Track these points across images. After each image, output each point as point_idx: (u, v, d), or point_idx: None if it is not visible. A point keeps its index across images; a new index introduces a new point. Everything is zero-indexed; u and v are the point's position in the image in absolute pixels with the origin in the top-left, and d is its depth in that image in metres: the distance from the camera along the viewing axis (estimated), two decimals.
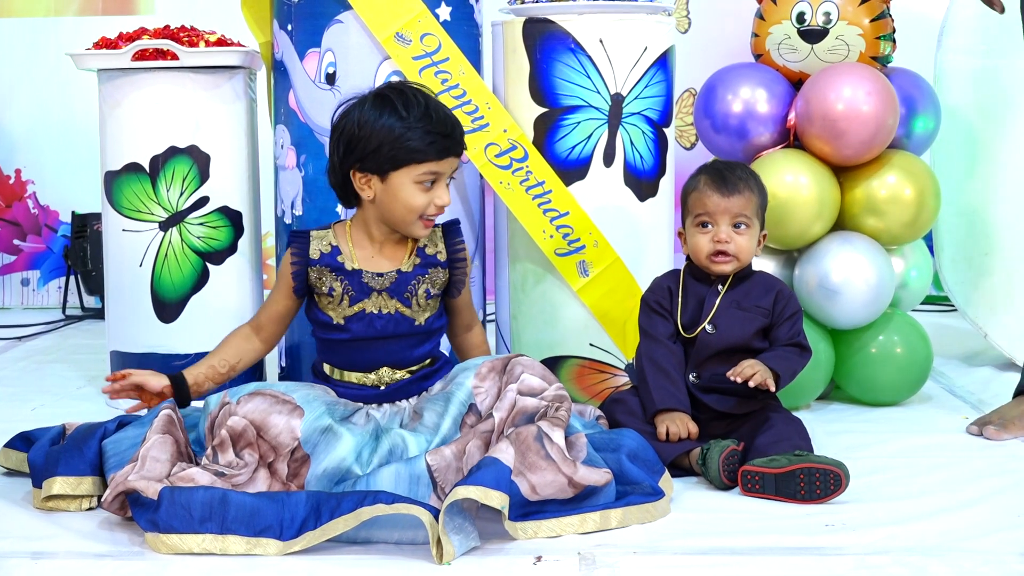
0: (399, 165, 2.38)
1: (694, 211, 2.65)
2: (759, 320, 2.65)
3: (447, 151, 2.40)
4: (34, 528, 2.24)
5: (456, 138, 2.42)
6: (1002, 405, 2.91)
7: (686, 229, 2.69)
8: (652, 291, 2.72)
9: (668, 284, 2.71)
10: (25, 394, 3.34)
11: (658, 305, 2.68)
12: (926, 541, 2.15)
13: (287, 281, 2.48)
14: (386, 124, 2.37)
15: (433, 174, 2.40)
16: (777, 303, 2.66)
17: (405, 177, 2.39)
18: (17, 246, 4.83)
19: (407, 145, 2.36)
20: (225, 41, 3.20)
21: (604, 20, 2.95)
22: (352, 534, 2.11)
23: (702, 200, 2.64)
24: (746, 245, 2.64)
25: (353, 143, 2.40)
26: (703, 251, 2.64)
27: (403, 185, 2.39)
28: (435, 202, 2.41)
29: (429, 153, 2.38)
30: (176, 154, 3.13)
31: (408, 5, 2.97)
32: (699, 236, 2.65)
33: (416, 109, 2.38)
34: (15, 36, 4.74)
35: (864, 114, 3.00)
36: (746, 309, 2.65)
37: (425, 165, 2.38)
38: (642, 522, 2.24)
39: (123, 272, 3.18)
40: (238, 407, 2.28)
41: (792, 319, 2.66)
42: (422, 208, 2.40)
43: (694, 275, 2.69)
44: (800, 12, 3.12)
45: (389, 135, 2.37)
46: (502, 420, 2.29)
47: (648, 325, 2.68)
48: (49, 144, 4.76)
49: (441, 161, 2.40)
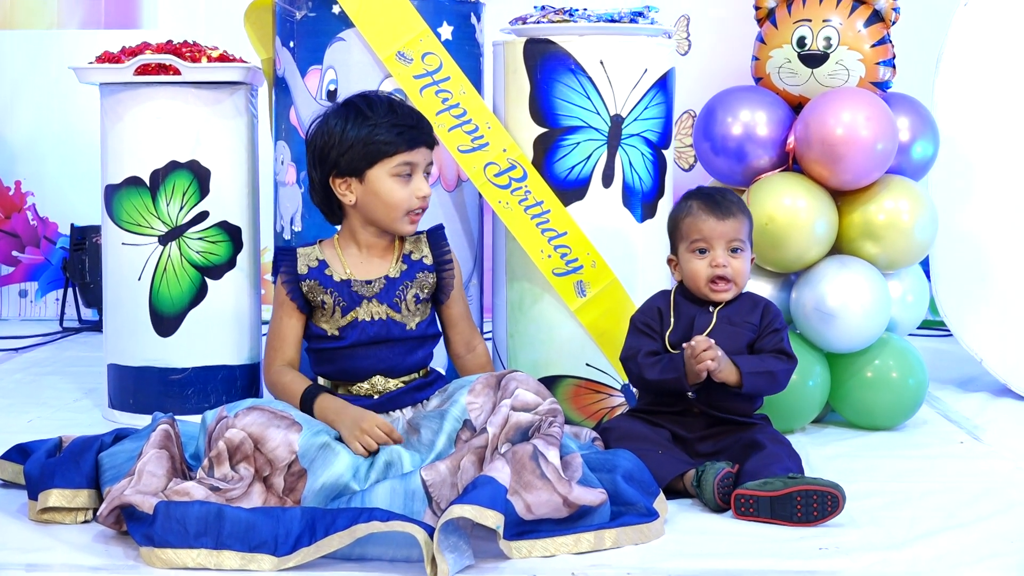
0: (373, 161, 2.43)
1: (689, 237, 2.66)
2: (748, 335, 2.66)
3: (416, 141, 2.44)
4: (29, 540, 2.24)
5: (423, 128, 2.48)
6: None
7: (680, 256, 2.69)
8: (642, 312, 2.73)
9: (658, 304, 2.72)
10: (21, 406, 3.34)
11: (645, 326, 2.69)
12: (919, 566, 2.14)
13: (287, 303, 2.49)
14: (353, 126, 2.43)
15: (408, 164, 2.44)
16: (764, 317, 2.69)
17: (381, 172, 2.43)
18: (15, 257, 4.83)
19: (377, 139, 2.42)
20: (227, 57, 3.20)
21: (605, 41, 2.96)
22: (347, 551, 2.11)
23: (697, 225, 2.65)
24: (742, 269, 2.65)
25: (326, 151, 2.45)
26: (702, 277, 2.64)
27: (381, 180, 2.43)
28: (416, 194, 2.44)
29: (399, 144, 2.42)
30: (176, 168, 3.14)
31: (410, 24, 2.98)
32: (696, 262, 2.65)
33: (380, 107, 2.45)
34: (17, 47, 4.75)
35: (863, 139, 3.01)
36: (736, 325, 2.66)
37: (398, 156, 2.43)
38: (636, 543, 2.24)
39: (122, 285, 3.18)
40: (236, 420, 2.29)
41: (777, 331, 2.68)
42: (405, 201, 2.43)
43: (685, 296, 2.70)
44: (801, 36, 3.13)
45: (358, 135, 2.42)
46: (495, 435, 2.28)
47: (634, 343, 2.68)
48: (49, 156, 4.76)
49: (413, 151, 2.44)
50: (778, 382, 2.65)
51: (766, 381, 2.62)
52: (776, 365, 2.64)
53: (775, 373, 2.63)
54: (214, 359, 3.18)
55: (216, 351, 3.19)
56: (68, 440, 2.55)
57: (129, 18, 4.72)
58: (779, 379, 2.65)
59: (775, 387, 2.65)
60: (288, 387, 2.46)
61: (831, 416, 3.22)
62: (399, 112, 2.46)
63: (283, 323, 2.50)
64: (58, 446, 2.54)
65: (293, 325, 2.50)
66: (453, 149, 2.96)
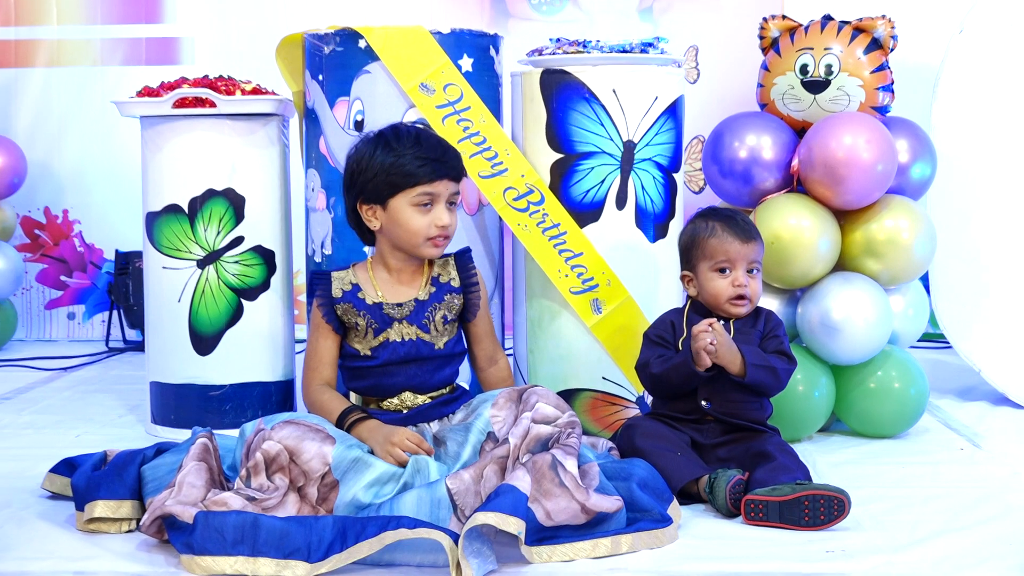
0: (395, 191, 2.43)
1: (714, 257, 2.66)
2: (755, 343, 2.66)
3: (437, 173, 2.43)
4: (76, 549, 2.24)
5: (447, 161, 2.46)
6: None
7: (699, 274, 2.69)
8: (654, 327, 2.74)
9: (672, 319, 2.72)
10: (69, 422, 3.34)
11: (659, 338, 2.70)
12: (922, 569, 2.14)
13: (323, 325, 2.49)
14: (380, 155, 2.44)
15: (428, 195, 2.43)
16: (766, 324, 2.70)
17: (402, 201, 2.43)
18: (64, 282, 4.85)
19: (400, 171, 2.42)
20: (260, 90, 3.22)
21: (617, 71, 2.96)
22: (376, 557, 2.11)
23: (723, 247, 2.65)
24: (757, 288, 2.67)
25: (355, 178, 2.47)
26: (724, 295, 2.65)
27: (402, 209, 2.43)
28: (435, 223, 2.44)
29: (420, 176, 2.42)
30: (213, 196, 3.15)
31: (432, 57, 2.98)
32: (718, 280, 2.66)
33: (407, 139, 2.45)
34: (64, 84, 4.77)
35: (864, 161, 3.00)
36: (744, 333, 2.66)
37: (419, 187, 2.43)
38: (651, 547, 2.23)
39: (162, 307, 3.19)
40: (272, 433, 2.29)
41: (777, 336, 2.68)
42: (423, 229, 2.44)
43: (698, 311, 2.70)
44: (803, 64, 3.13)
45: (383, 164, 2.43)
46: (516, 446, 2.28)
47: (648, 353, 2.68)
48: (95, 186, 4.78)
49: (434, 183, 2.43)
50: (779, 379, 2.64)
51: (768, 375, 2.61)
52: (778, 363, 2.64)
53: (777, 370, 2.63)
54: (250, 376, 3.19)
55: (252, 368, 3.19)
56: (113, 454, 2.56)
57: (168, 55, 4.74)
58: (780, 376, 2.64)
59: (776, 383, 2.64)
60: (326, 405, 2.46)
61: (836, 425, 3.20)
62: (424, 144, 2.45)
63: (320, 344, 2.51)
64: (103, 459, 2.54)
65: (329, 346, 2.51)
66: (474, 175, 2.97)
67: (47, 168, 4.80)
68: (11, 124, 4.77)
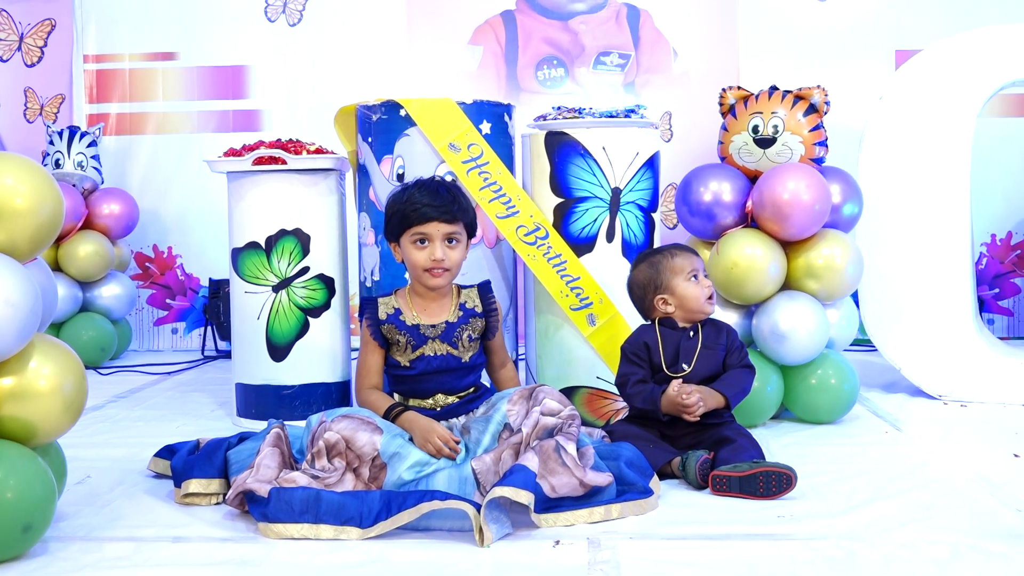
0: (400, 231, 2.41)
1: (684, 270, 2.60)
2: (721, 354, 2.62)
3: (427, 217, 2.36)
4: (175, 518, 2.23)
5: (442, 207, 2.36)
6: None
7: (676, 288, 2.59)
8: (630, 343, 2.65)
9: (644, 339, 2.63)
10: (171, 416, 3.33)
11: (635, 356, 2.62)
12: (856, 529, 2.11)
13: (371, 342, 2.46)
14: (396, 202, 2.41)
15: (421, 234, 2.39)
16: (728, 338, 2.64)
17: (406, 239, 2.41)
18: (168, 304, 4.85)
19: (400, 214, 2.40)
20: (322, 150, 3.21)
21: (606, 132, 2.95)
22: (415, 523, 2.09)
23: (688, 260, 2.60)
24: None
25: (385, 219, 2.45)
26: (702, 297, 2.60)
27: (407, 245, 2.41)
28: (431, 257, 2.39)
29: (413, 219, 2.38)
30: (285, 235, 3.13)
31: (458, 122, 2.97)
32: (694, 287, 2.60)
33: (420, 188, 2.40)
34: (169, 148, 4.79)
35: (805, 202, 2.98)
36: (711, 348, 2.62)
37: (414, 228, 2.38)
38: (636, 514, 2.21)
39: (245, 323, 3.18)
40: (332, 424, 2.27)
41: (740, 349, 2.64)
42: (421, 262, 2.40)
43: (668, 326, 2.64)
44: (755, 125, 3.11)
45: (394, 210, 2.41)
46: (528, 434, 2.26)
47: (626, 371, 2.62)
48: (193, 227, 4.79)
49: (425, 224, 2.37)
50: (748, 390, 2.61)
51: (743, 393, 2.59)
52: (747, 378, 2.60)
53: (747, 386, 2.60)
54: (315, 378, 3.17)
55: (316, 372, 3.18)
56: (204, 441, 2.55)
57: (249, 123, 4.75)
58: (748, 388, 2.61)
59: (746, 394, 2.61)
60: (375, 403, 2.43)
61: (785, 414, 3.17)
62: (421, 193, 2.38)
63: (368, 357, 2.48)
64: (197, 446, 2.53)
65: (376, 358, 2.48)
66: (492, 216, 2.95)
67: (155, 214, 4.81)
68: (127, 179, 4.79)
